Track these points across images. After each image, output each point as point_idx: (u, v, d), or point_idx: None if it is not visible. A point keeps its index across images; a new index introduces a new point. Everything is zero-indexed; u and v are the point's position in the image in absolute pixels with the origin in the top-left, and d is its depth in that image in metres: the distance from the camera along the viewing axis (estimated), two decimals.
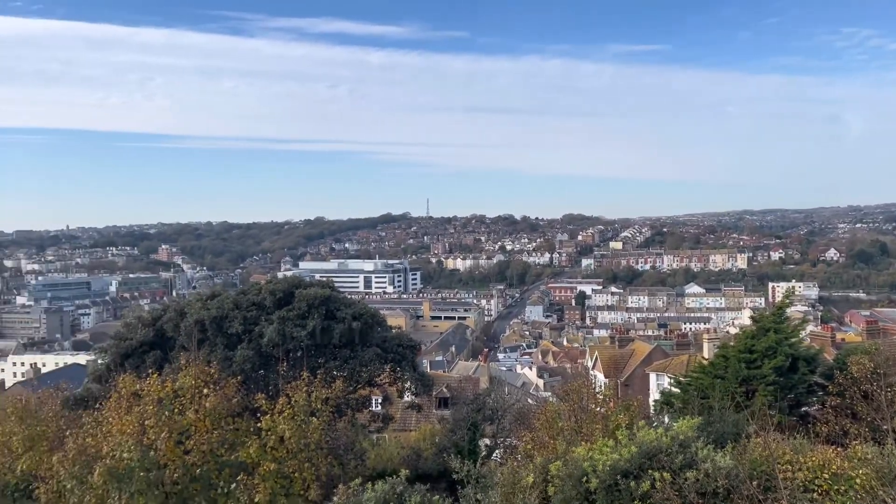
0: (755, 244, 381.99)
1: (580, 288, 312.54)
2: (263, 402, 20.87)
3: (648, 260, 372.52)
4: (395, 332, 38.67)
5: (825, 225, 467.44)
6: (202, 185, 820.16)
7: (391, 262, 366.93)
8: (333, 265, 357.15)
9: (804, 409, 26.30)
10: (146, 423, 18.52)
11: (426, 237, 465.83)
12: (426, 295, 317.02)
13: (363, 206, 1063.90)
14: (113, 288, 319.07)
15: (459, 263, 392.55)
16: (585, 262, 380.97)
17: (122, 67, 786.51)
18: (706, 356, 40.01)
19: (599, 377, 56.72)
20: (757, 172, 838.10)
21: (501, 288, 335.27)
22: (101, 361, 35.22)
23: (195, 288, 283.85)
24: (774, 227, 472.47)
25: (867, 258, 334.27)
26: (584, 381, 25.84)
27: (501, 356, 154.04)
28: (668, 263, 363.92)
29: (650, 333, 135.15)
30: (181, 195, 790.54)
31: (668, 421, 20.65)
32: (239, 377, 24.28)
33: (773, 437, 15.67)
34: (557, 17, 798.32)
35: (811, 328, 51.19)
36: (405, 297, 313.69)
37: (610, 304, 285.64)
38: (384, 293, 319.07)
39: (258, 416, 20.92)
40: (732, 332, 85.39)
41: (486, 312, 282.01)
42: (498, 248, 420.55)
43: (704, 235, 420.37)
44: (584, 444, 16.57)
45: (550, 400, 38.37)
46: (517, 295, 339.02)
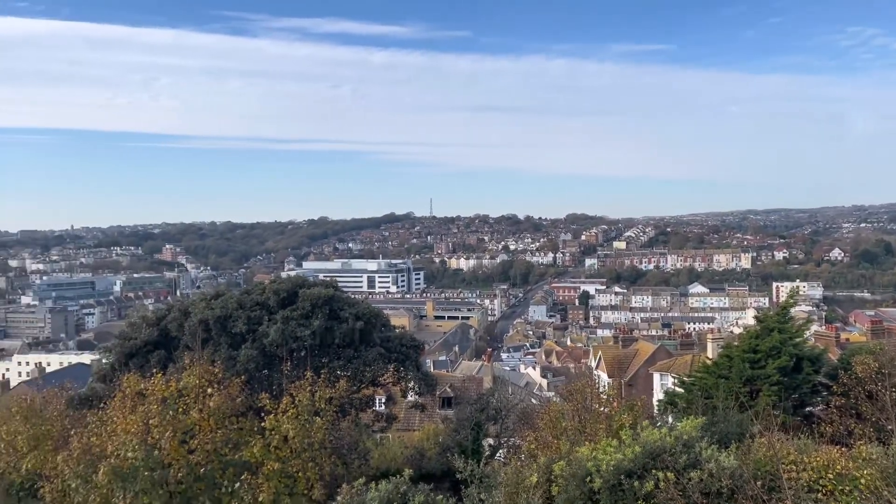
0: (759, 244, 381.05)
1: (584, 288, 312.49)
2: (267, 401, 20.94)
3: (652, 260, 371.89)
4: (398, 331, 38.79)
5: (829, 225, 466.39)
6: (206, 185, 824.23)
7: (395, 261, 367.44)
8: (337, 265, 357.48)
9: (808, 409, 26.18)
10: (150, 422, 18.59)
11: (429, 237, 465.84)
12: (429, 295, 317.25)
13: (367, 205, 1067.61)
14: (117, 288, 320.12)
15: (463, 263, 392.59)
16: (589, 261, 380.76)
17: (127, 68, 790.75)
18: (710, 356, 39.87)
19: (603, 377, 56.59)
20: (761, 172, 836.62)
21: (505, 288, 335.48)
22: (105, 361, 35.35)
23: (199, 288, 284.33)
24: (778, 226, 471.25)
25: (872, 258, 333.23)
26: (587, 380, 25.78)
27: (505, 356, 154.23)
28: (671, 263, 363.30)
29: (654, 333, 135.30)
30: (185, 195, 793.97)
31: (671, 421, 20.59)
32: (243, 377, 24.38)
33: (777, 437, 15.60)
34: (560, 16, 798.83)
35: (815, 328, 50.91)
36: (409, 296, 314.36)
37: (613, 303, 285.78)
38: (388, 293, 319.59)
39: (262, 415, 20.99)
40: (736, 331, 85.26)
41: (489, 312, 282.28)
42: (501, 247, 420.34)
43: (708, 235, 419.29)
44: (587, 443, 16.54)
45: (554, 400, 38.34)
46: (520, 295, 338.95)
